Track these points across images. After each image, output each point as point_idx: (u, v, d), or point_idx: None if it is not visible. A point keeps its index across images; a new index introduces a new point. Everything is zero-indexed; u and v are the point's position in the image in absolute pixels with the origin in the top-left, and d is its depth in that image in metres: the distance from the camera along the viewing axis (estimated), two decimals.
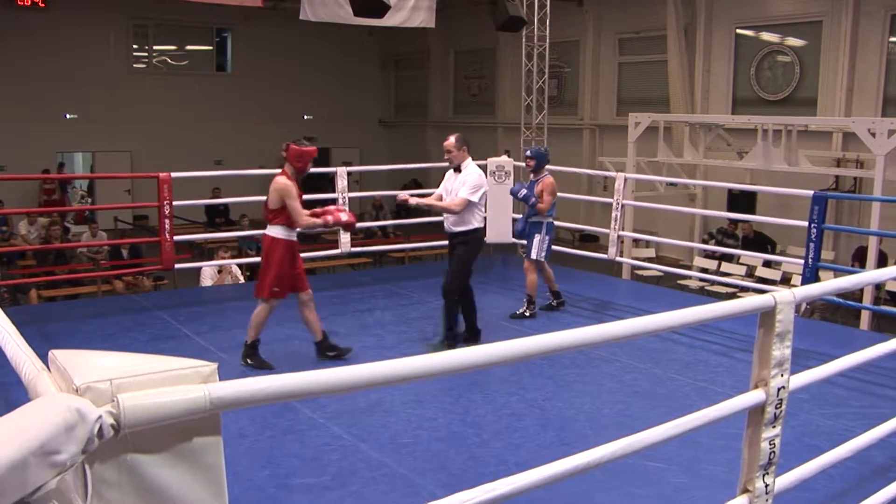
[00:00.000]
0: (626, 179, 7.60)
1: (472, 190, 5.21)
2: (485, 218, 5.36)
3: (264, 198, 5.03)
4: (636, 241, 11.45)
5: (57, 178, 15.98)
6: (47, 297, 8.56)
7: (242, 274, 8.39)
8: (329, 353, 5.01)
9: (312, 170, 4.81)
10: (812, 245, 5.86)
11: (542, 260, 6.28)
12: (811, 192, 6.03)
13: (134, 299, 7.01)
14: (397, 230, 13.87)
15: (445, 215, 5.28)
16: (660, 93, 14.01)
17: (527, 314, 6.16)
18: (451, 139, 5.34)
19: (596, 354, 5.19)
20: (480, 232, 5.34)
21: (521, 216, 6.59)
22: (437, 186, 5.87)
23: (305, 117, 20.25)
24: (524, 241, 6.53)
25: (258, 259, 5.04)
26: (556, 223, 6.78)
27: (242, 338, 5.45)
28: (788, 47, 12.53)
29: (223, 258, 7.74)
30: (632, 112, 11.09)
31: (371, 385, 1.58)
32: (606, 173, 9.59)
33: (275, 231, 4.90)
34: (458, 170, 5.33)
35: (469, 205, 5.21)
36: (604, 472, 2.02)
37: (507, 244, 8.89)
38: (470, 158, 5.41)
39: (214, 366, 1.41)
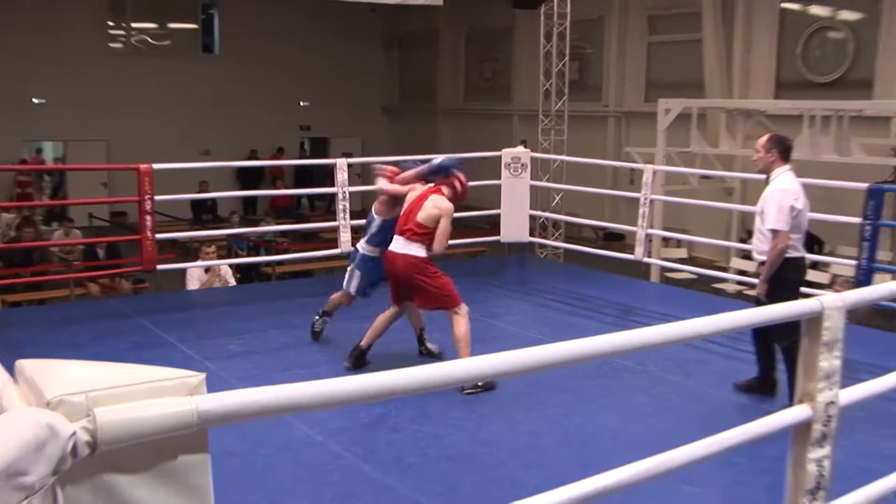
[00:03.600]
0: (655, 172, 7.58)
1: (777, 216, 4.43)
2: (799, 239, 4.54)
3: (259, 192, 5.07)
4: (666, 241, 11.43)
5: (25, 170, 15.72)
6: (12, 301, 8.57)
7: (233, 276, 8.41)
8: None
9: (308, 162, 4.82)
10: (866, 244, 5.82)
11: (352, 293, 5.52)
12: (866, 185, 5.99)
13: (111, 304, 7.05)
14: None
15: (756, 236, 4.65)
16: (693, 76, 13.93)
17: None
18: (764, 138, 4.60)
19: (621, 365, 5.18)
20: (796, 262, 4.53)
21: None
22: None
23: (301, 104, 20.32)
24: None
25: (249, 259, 5.05)
26: (577, 220, 6.74)
27: (231, 347, 5.47)
28: (841, 22, 12.42)
29: (208, 256, 7.75)
30: (662, 98, 11.08)
31: (374, 398, 1.59)
32: (633, 165, 9.57)
33: (418, 250, 4.90)
34: (767, 180, 4.56)
35: (785, 235, 4.44)
36: (630, 495, 2.01)
37: (524, 243, 8.89)
38: (787, 167, 4.53)
39: (202, 376, 1.41)
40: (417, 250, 4.90)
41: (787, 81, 13.03)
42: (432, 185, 5.05)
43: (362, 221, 8.14)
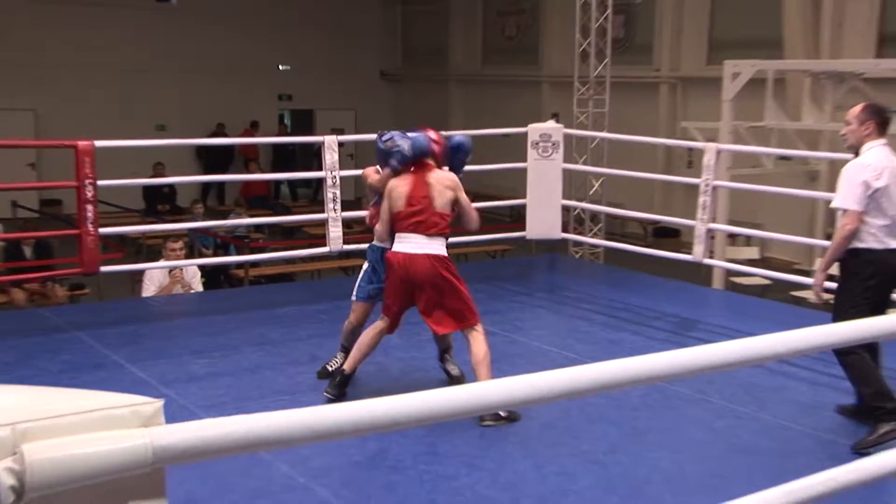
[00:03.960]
0: (719, 152, 7.56)
1: (845, 192, 4.53)
2: (884, 227, 4.55)
3: (228, 177, 5.07)
4: (733, 237, 11.39)
5: None
6: None
7: (200, 280, 8.43)
8: None
9: (289, 140, 4.79)
10: None
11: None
12: None
13: (41, 315, 7.07)
14: None
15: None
16: (769, 31, 13.82)
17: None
18: (857, 108, 4.65)
19: (676, 392, 5.17)
20: (871, 255, 4.56)
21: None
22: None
23: (280, 68, 20.38)
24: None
25: (216, 260, 5.05)
26: (621, 212, 6.71)
27: (195, 367, 5.47)
28: None
29: (174, 254, 7.77)
30: (728, 59, 11.03)
31: (372, 429, 1.59)
32: (692, 144, 9.55)
33: (441, 248, 4.83)
34: (856, 154, 4.64)
35: (854, 215, 4.51)
36: None
37: (554, 241, 8.89)
38: (880, 141, 4.60)
39: (159, 403, 1.42)
40: (441, 248, 4.84)
41: (893, 35, 12.82)
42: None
43: (355, 213, 8.17)
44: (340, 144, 7.67)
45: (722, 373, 5.08)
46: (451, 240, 5.04)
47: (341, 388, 4.98)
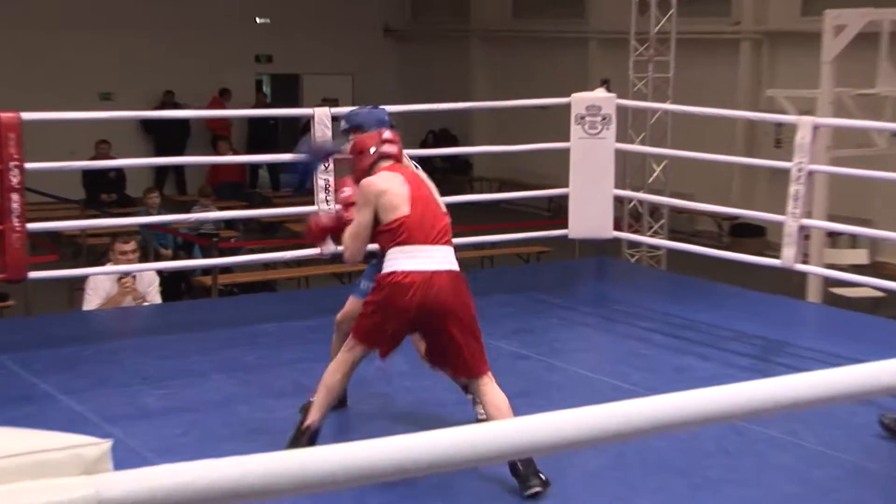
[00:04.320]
0: (816, 128, 7.52)
1: None
2: None
3: (192, 159, 5.08)
4: (833, 237, 11.31)
5: None
6: None
7: (158, 289, 8.44)
8: None
9: (269, 112, 4.82)
10: None
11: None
12: None
13: None
14: None
15: None
16: None
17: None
18: None
19: (760, 434, 5.15)
20: None
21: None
22: (483, 139, 5.76)
23: (258, 21, 20.41)
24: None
25: (177, 264, 5.07)
26: (690, 204, 6.68)
27: (148, 400, 5.48)
28: None
29: (124, 258, 7.78)
30: (830, 8, 10.95)
31: (372, 477, 1.59)
32: (780, 117, 9.51)
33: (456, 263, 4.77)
34: None
35: None
36: None
37: (604, 241, 8.86)
38: None
39: (106, 445, 1.42)
40: (456, 263, 4.76)
41: None
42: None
43: None
44: (334, 119, 7.64)
45: (819, 410, 5.05)
46: (473, 239, 5.05)
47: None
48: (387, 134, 4.82)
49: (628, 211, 12.06)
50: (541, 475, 4.50)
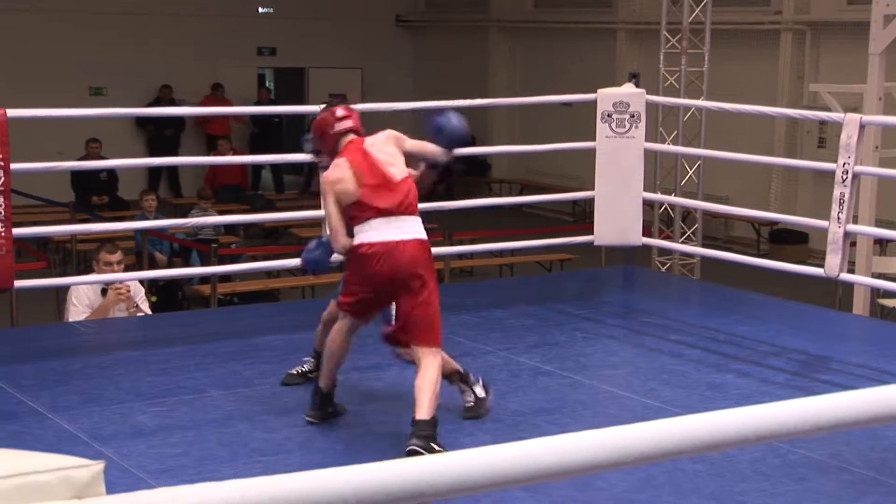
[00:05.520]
0: (863, 126, 7.50)
1: None
2: None
3: (191, 160, 5.11)
4: (882, 244, 11.27)
5: None
6: None
7: (147, 298, 8.47)
8: None
9: (272, 109, 4.91)
10: None
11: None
12: None
13: None
14: (426, 221, 13.88)
15: None
16: None
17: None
18: None
19: (801, 456, 5.13)
20: None
21: None
22: (503, 138, 5.93)
23: (261, 11, 20.45)
24: None
25: (174, 272, 5.09)
26: (726, 209, 6.64)
27: (142, 418, 5.49)
28: None
29: (108, 268, 7.81)
30: None
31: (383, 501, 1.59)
32: (824, 115, 9.45)
33: (424, 231, 5.45)
34: None
35: None
36: None
37: (633, 248, 8.83)
38: None
39: (98, 467, 1.42)
40: (424, 232, 5.40)
41: None
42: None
43: None
44: None
45: (866, 432, 5.03)
46: (491, 245, 5.10)
47: (323, 409, 5.45)
48: (339, 112, 5.49)
49: (659, 216, 12.03)
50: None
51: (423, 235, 5.37)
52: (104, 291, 7.87)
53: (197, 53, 19.27)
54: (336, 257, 5.76)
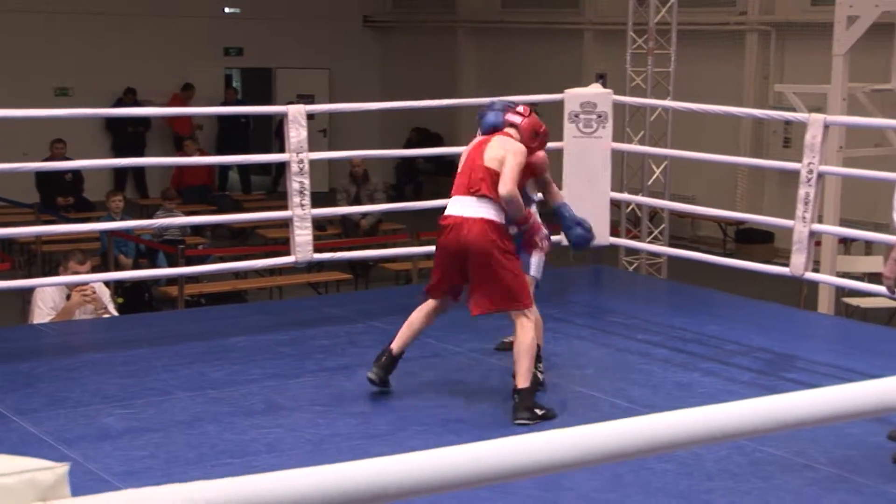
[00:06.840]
0: (827, 126, 7.55)
1: None
2: None
3: (151, 160, 5.08)
4: (846, 243, 11.34)
5: None
6: None
7: (113, 300, 8.44)
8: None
9: (239, 110, 4.89)
10: None
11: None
12: None
13: None
14: (394, 221, 13.88)
15: None
16: None
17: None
18: None
19: (766, 454, 5.16)
20: None
21: None
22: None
23: (227, 11, 20.40)
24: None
25: (140, 273, 5.07)
26: (692, 208, 6.66)
27: (108, 420, 5.47)
28: None
29: (76, 269, 7.76)
30: None
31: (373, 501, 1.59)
32: (789, 115, 9.51)
33: (496, 213, 5.70)
34: None
35: None
36: None
37: (601, 248, 8.86)
38: None
39: (63, 469, 1.42)
40: (495, 214, 5.67)
41: None
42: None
43: (329, 211, 8.11)
44: (310, 117, 7.67)
45: (830, 429, 5.06)
46: None
47: (387, 369, 5.76)
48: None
49: (626, 216, 12.07)
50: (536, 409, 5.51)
51: (485, 216, 5.64)
52: (69, 295, 7.83)
53: (164, 53, 19.18)
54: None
